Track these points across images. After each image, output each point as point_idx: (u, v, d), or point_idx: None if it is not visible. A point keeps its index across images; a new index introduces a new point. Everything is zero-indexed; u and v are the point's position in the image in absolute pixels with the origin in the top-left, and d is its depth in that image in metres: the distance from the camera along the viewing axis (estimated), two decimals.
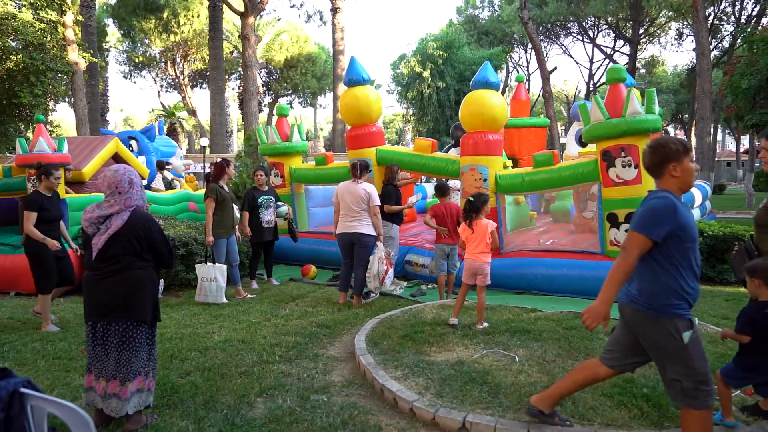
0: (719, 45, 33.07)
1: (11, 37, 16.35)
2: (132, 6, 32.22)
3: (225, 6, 23.07)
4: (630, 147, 5.89)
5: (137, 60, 39.24)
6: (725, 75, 23.79)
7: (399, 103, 34.65)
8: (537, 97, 40.48)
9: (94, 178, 8.06)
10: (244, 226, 7.00)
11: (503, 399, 3.31)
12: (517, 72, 40.67)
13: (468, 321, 4.95)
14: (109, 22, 35.46)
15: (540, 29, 35.68)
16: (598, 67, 40.15)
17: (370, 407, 3.43)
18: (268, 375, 3.94)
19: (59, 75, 18.92)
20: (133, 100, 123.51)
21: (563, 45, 39.98)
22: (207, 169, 14.63)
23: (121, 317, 3.07)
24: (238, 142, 44.86)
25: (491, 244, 4.91)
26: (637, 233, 2.51)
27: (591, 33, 38.01)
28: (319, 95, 44.74)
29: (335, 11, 26.73)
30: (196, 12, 34.79)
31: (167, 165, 11.73)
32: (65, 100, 28.38)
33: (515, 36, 37.13)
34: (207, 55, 30.13)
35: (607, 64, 37.99)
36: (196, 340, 4.77)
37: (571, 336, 4.47)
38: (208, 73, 30.58)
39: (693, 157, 2.63)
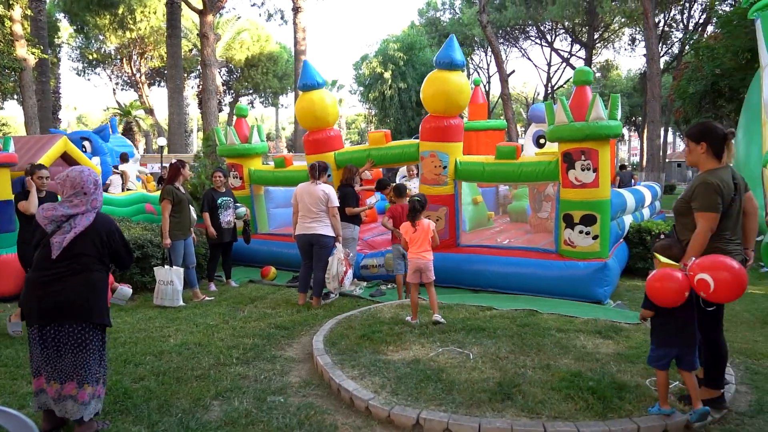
0: (669, 51, 34.41)
1: None
2: (85, 1, 31.18)
3: (183, 3, 22.63)
4: (590, 151, 6.06)
5: (91, 57, 38.02)
6: (674, 80, 24.79)
7: (361, 104, 34.76)
8: (497, 99, 41.20)
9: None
10: (207, 226, 6.93)
11: (457, 395, 3.39)
12: (478, 74, 41.37)
13: (425, 320, 5.03)
14: (61, 17, 34.22)
15: (499, 33, 36.34)
16: (555, 71, 41.24)
17: (326, 407, 3.46)
18: (224, 377, 3.92)
19: (6, 71, 18.19)
20: (88, 98, 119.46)
21: (522, 48, 40.84)
22: (158, 170, 14.30)
23: (79, 318, 3.03)
24: (198, 141, 43.98)
25: (432, 242, 5.13)
26: None
27: (549, 37, 38.93)
28: (281, 95, 44.36)
29: (297, 11, 26.56)
30: (153, 8, 33.96)
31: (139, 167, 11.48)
32: (13, 97, 27.26)
33: (476, 39, 37.68)
34: (165, 53, 29.43)
35: (565, 67, 39.06)
36: (151, 344, 4.69)
37: (524, 333, 4.60)
38: (166, 71, 29.89)
39: None
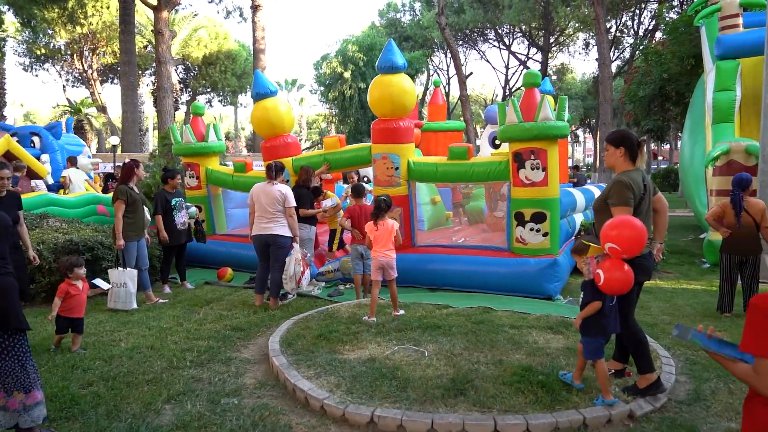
0: (621, 56, 35.63)
1: None
2: None
3: None
4: (539, 150, 6.24)
5: (39, 52, 36.43)
6: (625, 83, 25.68)
7: (322, 103, 34.59)
8: (456, 101, 41.74)
9: None
10: (160, 230, 6.78)
11: (411, 392, 3.44)
12: (438, 76, 41.79)
13: (382, 319, 5.07)
14: (6, 9, 32.67)
15: (458, 35, 36.84)
16: (513, 73, 42.04)
17: (281, 408, 3.45)
18: (177, 381, 3.85)
19: None
20: (36, 94, 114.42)
21: (481, 51, 41.49)
22: (110, 170, 13.85)
23: None
24: (153, 140, 42.82)
25: (395, 241, 5.31)
26: None
27: (507, 40, 39.72)
28: (240, 94, 43.67)
29: (256, 8, 26.16)
30: (105, 3, 32.84)
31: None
32: None
33: (435, 41, 38.07)
34: (118, 49, 28.52)
35: (522, 70, 39.88)
36: (100, 348, 4.57)
37: (479, 330, 4.70)
38: (119, 68, 28.96)
39: None
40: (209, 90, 41.93)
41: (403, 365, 3.89)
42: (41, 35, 35.68)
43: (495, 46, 40.91)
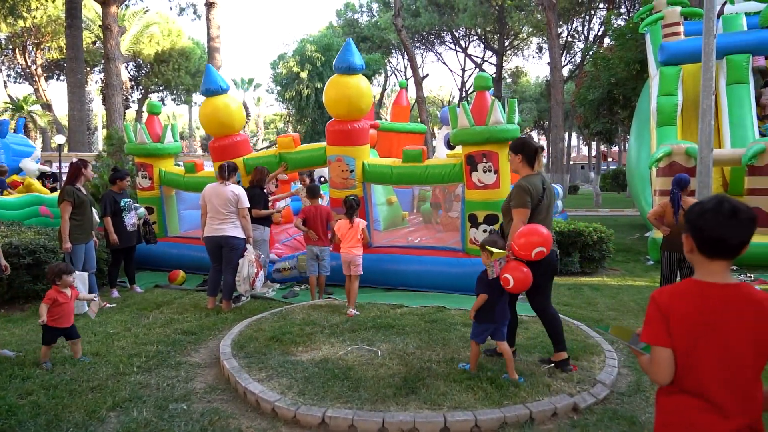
0: (573, 60, 36.74)
1: None
2: None
3: None
4: (491, 153, 6.36)
5: None
6: (576, 87, 26.49)
7: (279, 103, 34.23)
8: (414, 102, 42.07)
9: None
10: (110, 232, 6.57)
11: (363, 392, 3.45)
12: (396, 77, 42.01)
13: (337, 320, 5.07)
14: None
15: (415, 37, 37.15)
16: (469, 75, 42.70)
17: (232, 411, 3.40)
18: (123, 387, 3.74)
19: None
20: None
21: (438, 53, 42.03)
22: (52, 169, 13.19)
23: None
24: (102, 139, 41.35)
25: (363, 240, 5.61)
26: None
27: (463, 43, 40.32)
28: (194, 92, 42.59)
29: (210, 6, 25.60)
30: None
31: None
32: None
33: (393, 42, 38.27)
34: (64, 44, 27.38)
35: (478, 72, 40.56)
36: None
37: (432, 329, 4.76)
38: (65, 64, 27.82)
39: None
40: (162, 88, 40.75)
41: (356, 365, 3.90)
42: None
43: (451, 48, 41.49)
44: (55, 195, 8.24)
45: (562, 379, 3.65)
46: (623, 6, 28.83)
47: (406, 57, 41.82)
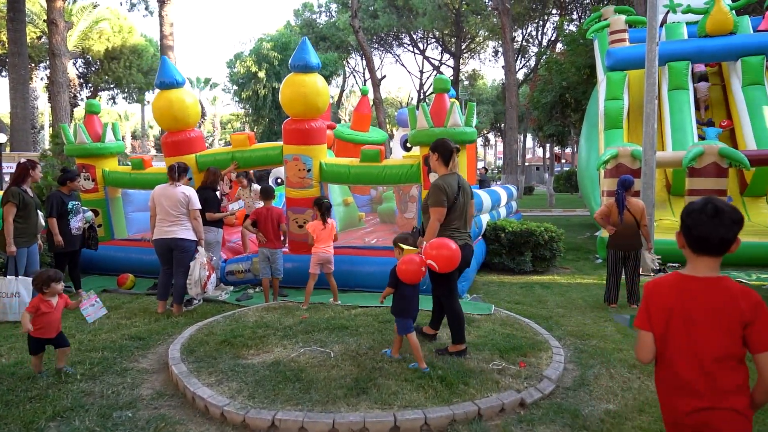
0: (527, 64, 37.58)
1: None
2: None
3: None
4: None
5: None
6: (531, 91, 27.13)
7: (235, 102, 33.66)
8: (372, 103, 42.13)
9: None
10: (56, 234, 6.32)
11: (314, 394, 3.44)
12: (355, 78, 41.97)
13: (290, 322, 5.03)
14: None
15: (374, 38, 37.20)
16: (427, 77, 43.06)
17: (179, 418, 3.33)
18: (64, 396, 3.60)
19: None
20: None
21: (396, 54, 42.15)
22: None
23: None
24: (49, 139, 39.64)
25: (335, 238, 5.97)
26: None
27: (421, 45, 40.63)
28: (147, 91, 41.36)
29: (163, 2, 24.97)
30: None
31: None
32: None
33: (351, 43, 38.21)
34: (6, 39, 26.10)
35: (436, 74, 40.98)
36: None
37: (385, 329, 4.78)
38: (7, 60, 26.54)
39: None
40: (113, 86, 39.41)
41: (308, 367, 3.89)
42: None
43: (410, 50, 41.73)
44: None
45: (510, 376, 3.74)
46: (575, 12, 29.71)
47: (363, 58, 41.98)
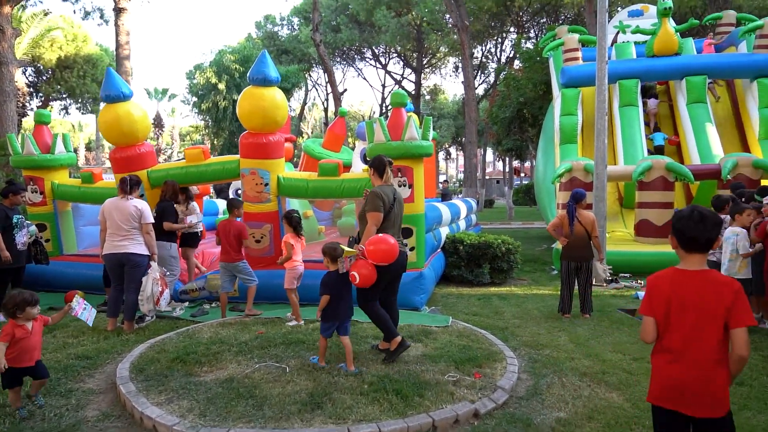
0: (487, 79, 38.42)
1: None
2: None
3: None
4: (406, 168, 6.53)
5: None
6: (490, 105, 27.73)
7: (195, 114, 33.11)
8: (334, 116, 42.20)
9: None
10: (2, 250, 6.04)
11: (267, 410, 3.39)
12: (317, 91, 41.97)
13: (246, 337, 4.95)
14: None
15: (336, 52, 37.38)
16: (389, 91, 43.48)
17: None
18: (2, 421, 3.43)
19: None
20: None
21: (358, 68, 42.45)
22: None
23: None
24: None
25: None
26: None
27: (383, 60, 41.05)
28: (102, 101, 40.32)
29: (119, 11, 24.40)
30: None
31: None
32: None
33: (313, 56, 38.28)
34: None
35: (398, 89, 41.42)
36: None
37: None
38: None
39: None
40: (65, 96, 38.21)
41: (262, 383, 3.82)
42: None
43: (372, 65, 42.10)
44: None
45: (465, 387, 3.77)
46: (532, 31, 30.63)
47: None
